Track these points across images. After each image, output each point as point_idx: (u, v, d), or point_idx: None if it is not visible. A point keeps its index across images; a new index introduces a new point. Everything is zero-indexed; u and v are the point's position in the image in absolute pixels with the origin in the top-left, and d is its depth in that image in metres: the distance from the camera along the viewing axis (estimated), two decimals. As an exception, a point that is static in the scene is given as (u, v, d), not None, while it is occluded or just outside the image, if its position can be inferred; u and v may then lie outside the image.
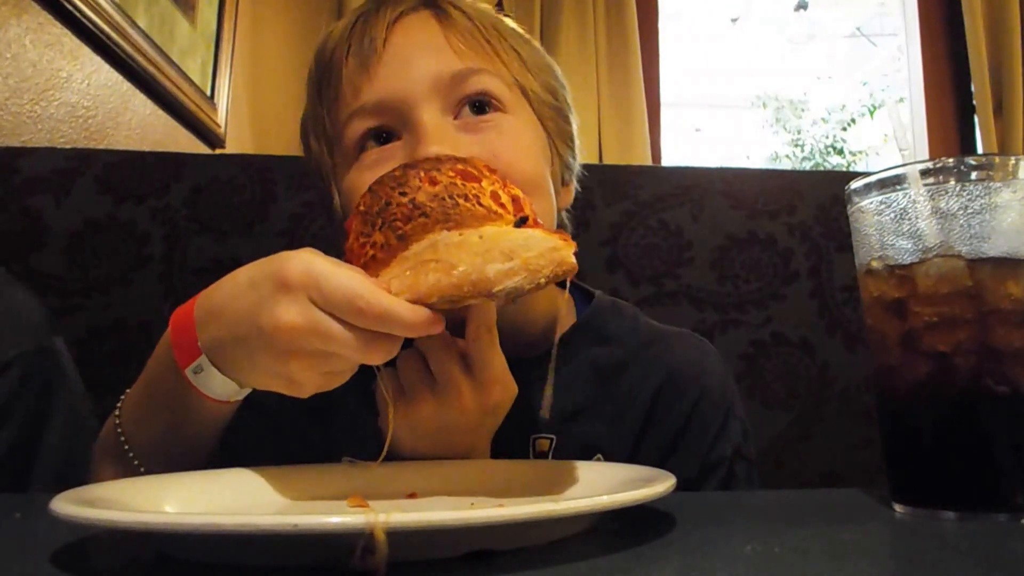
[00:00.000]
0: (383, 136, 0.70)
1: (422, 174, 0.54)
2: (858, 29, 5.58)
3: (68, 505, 0.38)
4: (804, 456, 1.14)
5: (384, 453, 0.57)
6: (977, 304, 0.48)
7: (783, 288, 1.17)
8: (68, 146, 1.31)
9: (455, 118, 0.69)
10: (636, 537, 0.44)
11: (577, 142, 0.82)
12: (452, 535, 0.37)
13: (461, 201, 0.52)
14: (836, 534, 0.47)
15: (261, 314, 0.50)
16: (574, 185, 0.83)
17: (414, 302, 0.49)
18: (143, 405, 0.62)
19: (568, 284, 0.53)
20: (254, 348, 0.52)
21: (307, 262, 0.50)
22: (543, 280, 0.49)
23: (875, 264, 0.52)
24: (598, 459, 0.73)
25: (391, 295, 0.49)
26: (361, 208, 0.55)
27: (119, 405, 0.64)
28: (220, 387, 0.56)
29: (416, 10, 0.73)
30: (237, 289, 0.53)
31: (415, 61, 0.69)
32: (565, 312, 0.80)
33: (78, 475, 0.68)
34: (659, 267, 1.16)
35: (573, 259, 0.50)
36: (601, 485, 0.52)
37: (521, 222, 0.53)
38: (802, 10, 5.48)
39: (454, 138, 0.67)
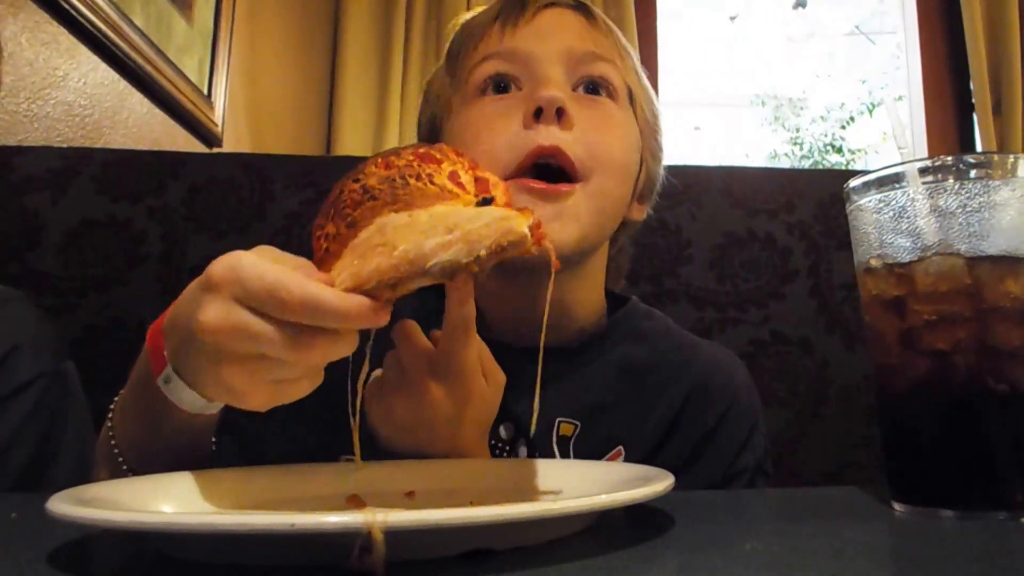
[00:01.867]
0: (501, 86, 0.75)
1: (379, 160, 0.50)
2: (857, 27, 5.58)
3: (65, 505, 0.38)
4: (803, 455, 1.14)
5: (357, 454, 0.55)
6: (976, 302, 0.48)
7: (782, 287, 1.17)
8: (65, 145, 1.31)
9: (574, 88, 0.75)
10: (635, 536, 0.44)
11: (662, 171, 0.87)
12: (450, 534, 0.36)
13: (412, 181, 0.48)
14: (835, 533, 0.47)
15: (190, 319, 0.47)
16: (648, 208, 0.87)
17: (355, 290, 0.45)
18: (128, 411, 0.61)
19: (553, 273, 0.48)
20: (191, 356, 0.50)
21: (235, 258, 0.46)
22: (483, 252, 0.43)
23: (874, 262, 0.52)
24: (619, 452, 0.74)
25: (320, 284, 0.45)
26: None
27: (111, 408, 0.63)
28: (188, 398, 0.53)
29: (567, 6, 0.80)
30: (186, 295, 0.51)
31: (556, 34, 0.76)
32: (591, 312, 0.82)
33: None
34: (658, 265, 1.16)
35: (523, 228, 0.44)
36: (600, 484, 0.52)
37: (485, 203, 0.48)
38: (801, 8, 5.48)
39: (569, 95, 0.73)
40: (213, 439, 0.65)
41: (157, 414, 0.56)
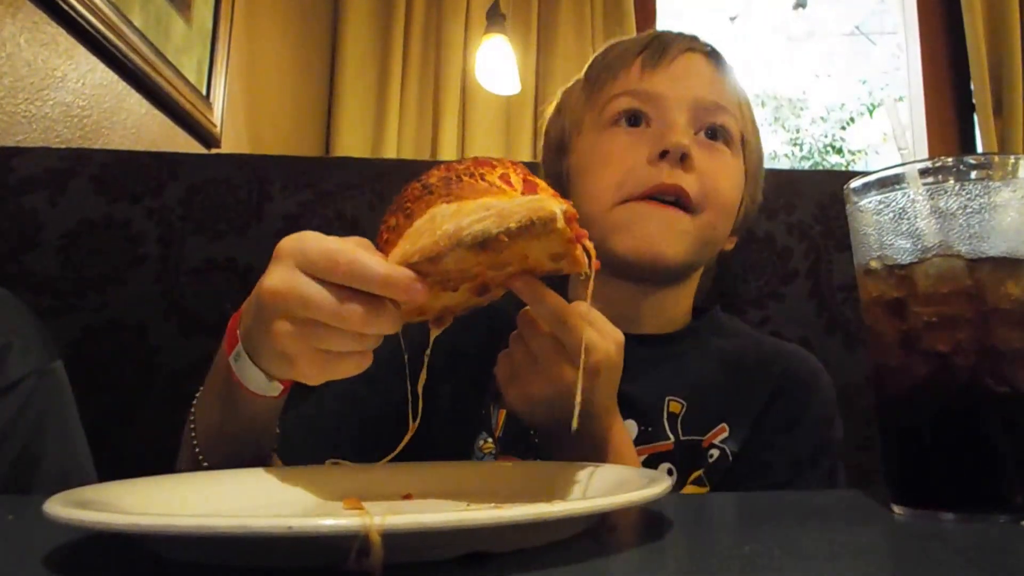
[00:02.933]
0: (631, 119, 0.85)
1: (442, 166, 0.54)
2: (857, 27, 5.58)
3: (61, 507, 0.37)
4: (803, 456, 1.14)
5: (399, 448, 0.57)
6: (977, 304, 0.48)
7: (781, 287, 1.17)
8: (63, 146, 1.31)
9: (696, 133, 0.84)
10: (633, 539, 0.43)
11: (755, 213, 0.97)
12: (447, 537, 0.36)
13: (466, 178, 0.52)
14: (834, 535, 0.47)
15: (258, 288, 0.52)
16: (736, 239, 0.96)
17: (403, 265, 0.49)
18: (206, 394, 0.65)
19: (592, 274, 0.53)
20: (257, 324, 0.53)
21: (300, 234, 0.52)
22: (513, 224, 0.47)
23: (874, 264, 0.52)
24: (723, 428, 0.82)
25: (370, 254, 0.49)
26: None
27: (198, 392, 0.66)
28: (253, 376, 0.56)
29: (702, 53, 0.89)
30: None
31: (689, 81, 0.86)
32: (683, 318, 0.92)
33: None
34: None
35: (554, 207, 0.47)
36: (598, 487, 0.52)
37: None
38: (801, 8, 5.48)
39: (692, 140, 0.82)
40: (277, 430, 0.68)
41: (228, 397, 0.60)
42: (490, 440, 0.81)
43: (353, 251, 0.49)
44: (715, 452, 0.81)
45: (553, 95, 1.00)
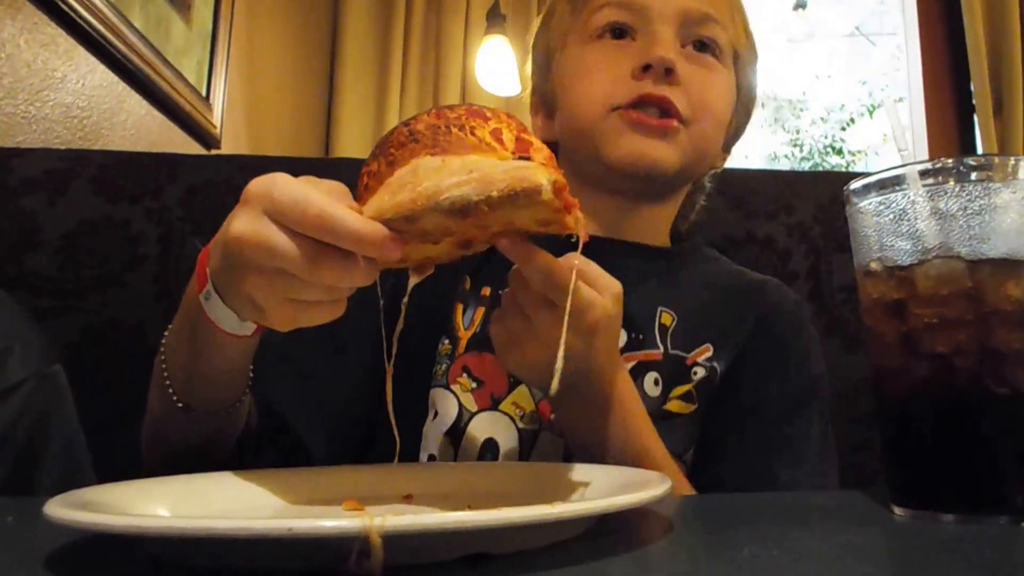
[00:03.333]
0: (615, 31, 0.83)
1: (433, 110, 0.51)
2: (857, 28, 5.58)
3: (62, 509, 0.37)
4: (803, 457, 1.14)
5: (389, 402, 0.56)
6: (977, 305, 0.48)
7: (781, 288, 1.17)
8: (63, 147, 1.31)
9: (683, 45, 0.82)
10: (633, 540, 0.43)
11: (751, 121, 0.97)
12: (448, 538, 0.36)
13: (455, 130, 0.49)
14: (835, 537, 0.47)
15: (225, 231, 0.50)
16: (728, 155, 0.96)
17: (376, 219, 0.46)
18: (177, 333, 0.63)
19: (581, 244, 0.51)
20: (225, 269, 0.51)
21: (270, 177, 0.49)
22: (495, 193, 0.44)
23: (874, 265, 0.52)
24: (707, 348, 0.81)
25: (341, 206, 0.46)
26: None
27: (164, 335, 0.65)
28: (224, 316, 0.54)
29: None
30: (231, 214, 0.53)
31: None
32: (663, 234, 0.91)
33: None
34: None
35: (541, 179, 0.45)
36: (598, 488, 0.52)
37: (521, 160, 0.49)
38: (801, 9, 5.49)
39: (678, 53, 0.80)
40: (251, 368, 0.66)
41: (200, 336, 0.58)
42: (447, 342, 0.79)
43: (324, 202, 0.46)
44: (699, 370, 0.80)
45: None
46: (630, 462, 0.64)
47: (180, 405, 0.62)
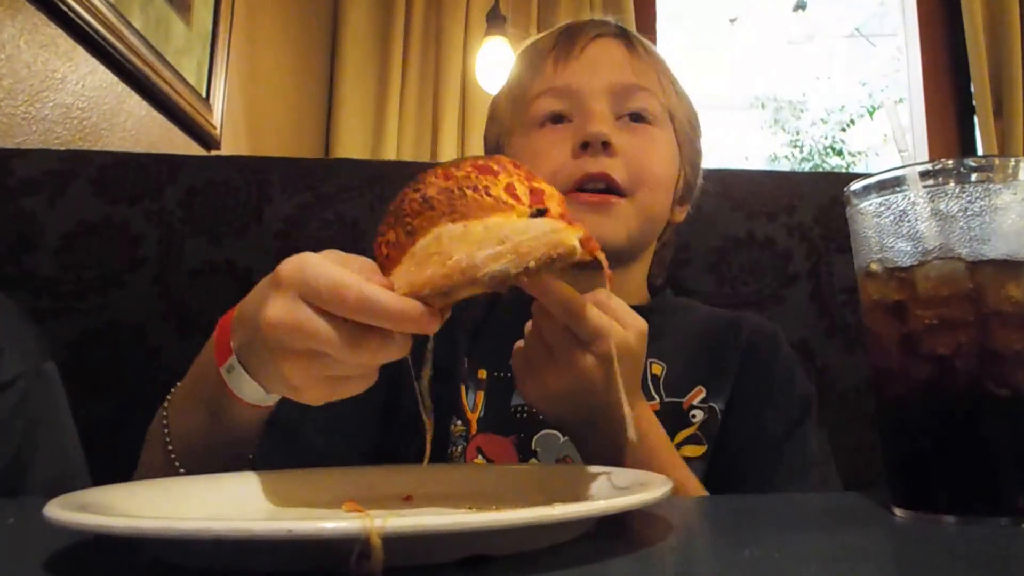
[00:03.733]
0: (554, 117, 0.86)
1: (439, 171, 0.52)
2: (857, 29, 5.59)
3: (61, 510, 0.37)
4: (803, 458, 1.14)
5: (427, 452, 0.56)
6: (977, 307, 0.48)
7: (782, 290, 1.17)
8: (62, 147, 1.31)
9: (617, 118, 0.86)
10: (633, 542, 0.43)
11: (701, 171, 0.99)
12: (448, 540, 0.36)
13: (469, 192, 0.50)
14: (836, 539, 0.47)
15: (255, 315, 0.50)
16: (688, 207, 0.99)
17: (411, 296, 0.47)
18: (187, 398, 0.63)
19: (608, 281, 0.54)
20: (255, 350, 0.52)
21: (301, 258, 0.49)
22: (532, 263, 0.46)
23: (874, 266, 0.52)
24: (700, 390, 0.85)
25: (378, 287, 0.47)
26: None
27: (170, 394, 0.65)
28: (249, 389, 0.55)
29: (612, 36, 0.91)
30: (256, 290, 0.54)
31: (601, 69, 0.87)
32: (637, 296, 0.92)
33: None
34: (657, 267, 1.16)
35: (573, 241, 0.47)
36: (599, 490, 0.52)
37: (539, 214, 0.50)
38: (801, 10, 5.49)
39: (613, 126, 0.84)
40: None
41: (215, 404, 0.59)
42: (460, 423, 0.81)
43: (360, 285, 0.47)
44: (697, 413, 0.84)
45: None
46: None
47: (183, 471, 0.62)
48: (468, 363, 0.85)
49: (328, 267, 0.48)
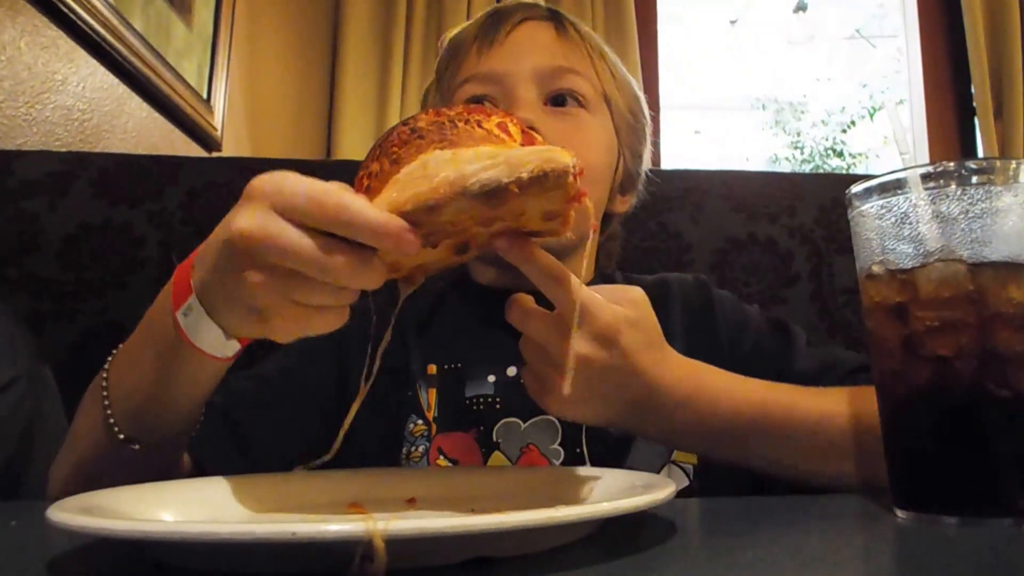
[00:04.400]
0: (479, 104, 0.80)
1: (431, 110, 0.50)
2: (857, 31, 5.58)
3: (64, 514, 0.37)
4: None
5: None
6: (979, 308, 0.48)
7: (784, 290, 1.17)
8: (63, 149, 1.31)
9: (545, 103, 0.82)
10: (636, 544, 0.43)
11: (646, 159, 0.94)
12: (452, 542, 0.36)
13: (460, 124, 0.48)
14: (838, 540, 0.47)
15: (225, 229, 0.47)
16: (633, 198, 0.95)
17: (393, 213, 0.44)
18: (132, 354, 0.60)
19: (592, 234, 0.52)
20: (218, 272, 0.48)
21: (275, 173, 0.47)
22: (525, 174, 0.43)
23: (876, 268, 0.52)
24: None
25: (358, 197, 0.44)
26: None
27: (111, 356, 0.62)
28: (207, 334, 0.51)
29: (539, 19, 0.87)
30: (223, 220, 0.50)
31: (526, 53, 0.83)
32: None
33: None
34: (659, 269, 1.15)
35: (567, 159, 0.44)
36: (601, 491, 0.52)
37: None
38: (801, 12, 5.49)
39: (540, 111, 0.80)
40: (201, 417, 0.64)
41: (167, 357, 0.55)
42: (420, 422, 0.78)
43: (341, 195, 0.44)
44: None
45: None
46: (763, 432, 0.64)
47: (121, 437, 0.59)
48: (417, 360, 0.82)
49: (305, 179, 0.46)
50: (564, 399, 0.58)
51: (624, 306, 0.59)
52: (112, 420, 0.59)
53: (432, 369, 0.81)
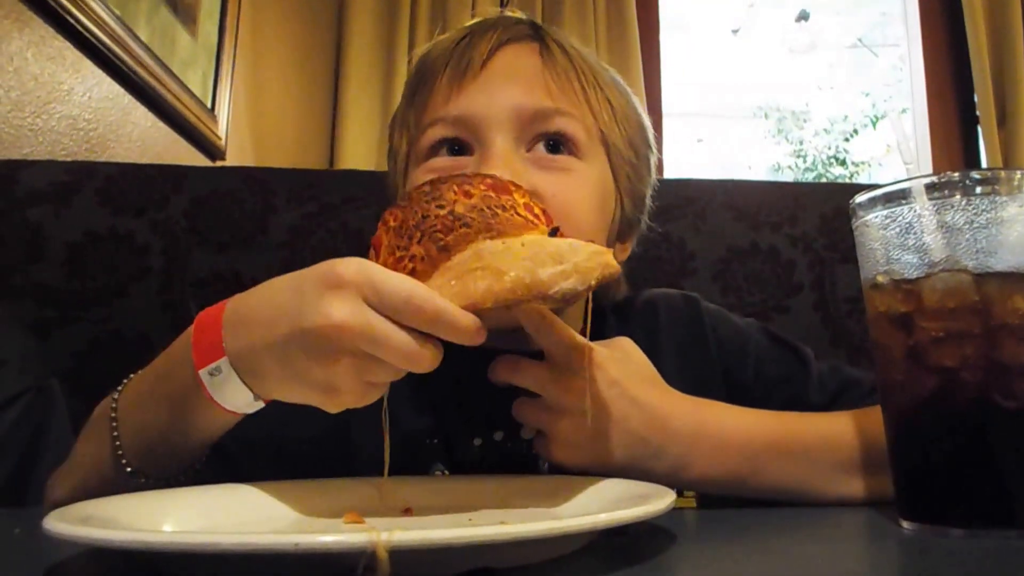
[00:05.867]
0: (456, 148, 0.72)
1: (455, 188, 0.54)
2: (860, 40, 5.59)
3: (63, 524, 0.37)
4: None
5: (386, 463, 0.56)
6: (984, 319, 0.48)
7: (786, 300, 1.17)
8: (69, 159, 1.32)
9: (528, 151, 0.71)
10: (637, 554, 0.43)
11: (648, 202, 0.84)
12: (454, 553, 0.36)
13: (500, 211, 0.53)
14: (842, 551, 0.47)
15: (306, 314, 0.48)
16: (632, 244, 0.85)
17: (468, 308, 0.48)
18: (145, 394, 0.60)
19: (588, 307, 0.56)
20: (292, 351, 0.49)
21: (360, 262, 0.49)
22: (594, 282, 0.49)
23: (881, 278, 0.52)
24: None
25: (445, 300, 0.48)
26: (392, 223, 0.55)
27: (121, 387, 0.62)
28: (233, 394, 0.52)
29: (523, 40, 0.75)
30: (276, 293, 0.51)
31: (505, 88, 0.71)
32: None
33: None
34: (661, 279, 1.16)
35: (616, 263, 0.50)
36: (600, 501, 0.52)
37: (553, 232, 0.54)
38: (803, 21, 5.50)
39: (519, 167, 0.68)
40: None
41: (183, 406, 0.55)
42: (446, 472, 0.72)
43: (432, 297, 0.47)
44: None
45: None
46: (774, 462, 0.63)
47: (129, 471, 0.59)
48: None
49: (395, 275, 0.48)
50: (571, 446, 0.60)
51: (612, 350, 0.62)
52: (121, 452, 0.59)
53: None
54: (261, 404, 0.54)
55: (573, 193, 0.70)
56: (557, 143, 0.72)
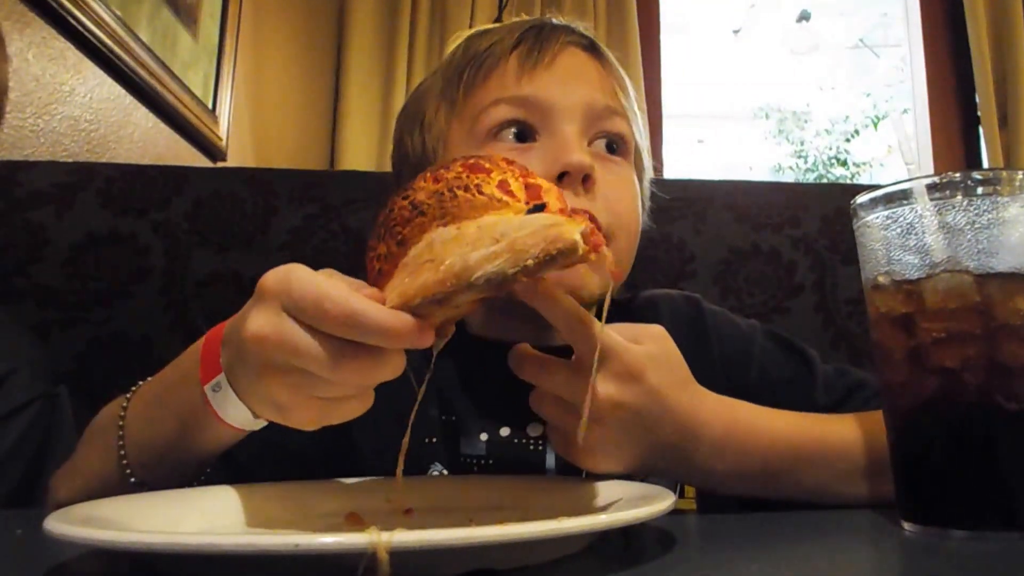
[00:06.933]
0: (518, 133, 0.72)
1: (428, 175, 0.48)
2: (861, 40, 5.59)
3: (63, 525, 0.37)
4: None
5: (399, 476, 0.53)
6: (985, 319, 0.48)
7: (787, 301, 1.16)
8: (70, 159, 1.32)
9: (589, 144, 0.73)
10: (637, 556, 0.43)
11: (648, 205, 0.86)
12: (454, 554, 0.36)
13: (460, 192, 0.45)
14: (843, 553, 0.47)
15: (236, 328, 0.47)
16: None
17: (403, 308, 0.43)
18: (153, 406, 0.60)
19: (611, 286, 0.47)
20: (243, 366, 0.48)
21: (287, 269, 0.45)
22: (531, 261, 0.41)
23: (882, 279, 0.52)
24: None
25: (365, 299, 0.43)
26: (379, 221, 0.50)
27: (129, 395, 0.61)
28: (235, 411, 0.51)
29: (582, 47, 0.77)
30: (246, 305, 0.49)
31: (578, 81, 0.74)
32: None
33: None
34: (661, 280, 1.16)
35: (574, 235, 0.41)
36: (601, 502, 0.52)
37: (536, 210, 0.44)
38: (804, 21, 5.50)
39: (591, 157, 0.69)
40: None
41: (190, 420, 0.55)
42: (445, 472, 0.71)
43: (346, 297, 0.42)
44: None
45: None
46: (798, 466, 0.61)
47: (133, 480, 0.58)
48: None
49: (314, 278, 0.44)
50: (594, 450, 0.56)
51: (646, 343, 0.57)
52: (126, 462, 0.59)
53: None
54: (264, 422, 0.52)
55: (626, 193, 0.73)
56: (613, 143, 0.74)
